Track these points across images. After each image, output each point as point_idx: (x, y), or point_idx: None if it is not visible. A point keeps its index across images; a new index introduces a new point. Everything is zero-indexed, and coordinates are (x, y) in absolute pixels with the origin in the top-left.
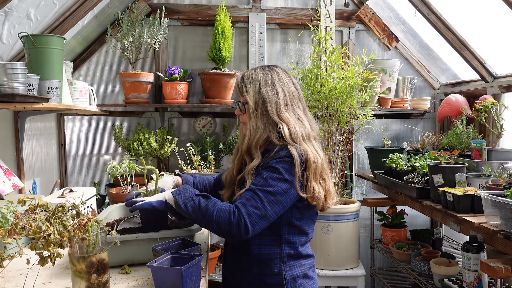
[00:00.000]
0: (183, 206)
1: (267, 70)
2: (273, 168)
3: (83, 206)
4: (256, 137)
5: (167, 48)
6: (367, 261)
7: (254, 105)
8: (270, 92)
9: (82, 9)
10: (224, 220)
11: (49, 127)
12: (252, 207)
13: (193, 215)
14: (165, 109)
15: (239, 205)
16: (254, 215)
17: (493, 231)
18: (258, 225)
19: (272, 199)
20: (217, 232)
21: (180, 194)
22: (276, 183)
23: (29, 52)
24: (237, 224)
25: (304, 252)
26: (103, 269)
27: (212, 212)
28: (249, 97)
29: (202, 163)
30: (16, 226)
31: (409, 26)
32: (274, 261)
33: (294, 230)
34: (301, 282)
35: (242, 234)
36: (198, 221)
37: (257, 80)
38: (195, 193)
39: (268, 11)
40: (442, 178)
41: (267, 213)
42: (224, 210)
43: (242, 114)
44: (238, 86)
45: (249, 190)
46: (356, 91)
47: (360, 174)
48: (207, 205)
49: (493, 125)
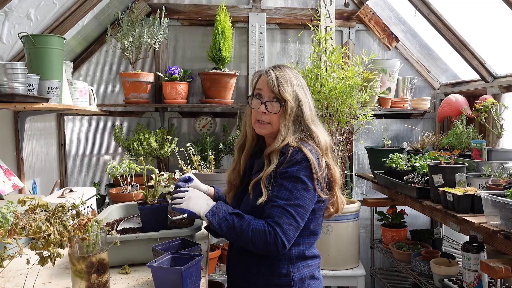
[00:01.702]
0: (218, 227)
1: (291, 70)
2: (295, 178)
3: (83, 206)
4: (286, 140)
5: (167, 48)
6: (367, 261)
7: (293, 106)
8: (302, 94)
9: (82, 9)
10: (260, 240)
11: (49, 127)
12: (286, 224)
13: (228, 235)
14: (165, 109)
15: (273, 224)
16: (289, 231)
17: (493, 231)
18: (293, 239)
19: (301, 212)
20: (254, 250)
21: (214, 216)
22: (301, 194)
23: (29, 52)
24: (274, 244)
25: (311, 253)
26: (103, 269)
27: (247, 232)
28: (288, 96)
29: (202, 163)
30: (16, 226)
31: (409, 26)
32: (282, 262)
33: (306, 232)
34: (309, 282)
35: (280, 251)
36: (233, 240)
37: (291, 79)
38: (228, 212)
39: (268, 11)
40: (442, 178)
41: (299, 225)
42: (259, 231)
43: (269, 113)
44: (272, 83)
45: (278, 206)
46: (356, 91)
47: (360, 174)
48: (241, 225)
49: (493, 125)
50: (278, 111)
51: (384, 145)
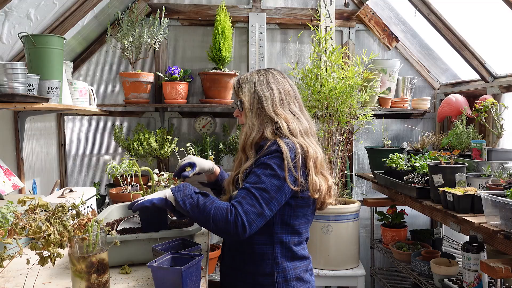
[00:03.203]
0: (182, 203)
1: (261, 72)
2: (265, 165)
3: (83, 206)
4: (253, 134)
5: (167, 48)
6: (367, 261)
7: (249, 103)
8: (265, 90)
9: (82, 9)
10: (221, 218)
11: (49, 127)
12: (248, 205)
13: (191, 212)
14: (165, 109)
15: (235, 204)
16: (251, 213)
17: (493, 231)
18: (255, 223)
19: (266, 196)
20: (214, 230)
21: (179, 191)
22: (269, 180)
23: (29, 52)
24: (234, 222)
25: (299, 254)
26: (103, 269)
27: (210, 210)
28: (244, 96)
29: None
30: (16, 226)
31: (409, 26)
32: (266, 261)
33: (287, 229)
34: (294, 284)
35: (240, 233)
36: (195, 219)
37: (252, 80)
38: (194, 191)
39: (268, 11)
40: (442, 178)
41: (263, 210)
42: (221, 208)
43: (240, 115)
44: (234, 89)
45: (244, 188)
46: (356, 91)
47: (360, 174)
48: (205, 203)
49: (493, 125)
50: (241, 110)
51: (384, 145)
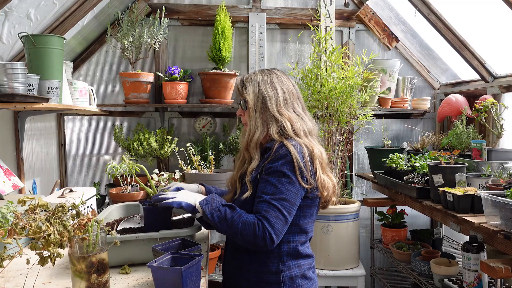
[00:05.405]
0: (210, 216)
1: (265, 71)
2: (279, 172)
3: (83, 206)
4: (257, 133)
5: (167, 48)
6: (367, 261)
7: (253, 103)
8: (269, 89)
9: (82, 9)
10: (249, 232)
11: (49, 127)
12: (273, 217)
13: (219, 225)
14: (165, 109)
15: (261, 218)
16: (276, 225)
17: (493, 231)
18: (281, 233)
19: (287, 205)
20: (241, 242)
21: (207, 204)
22: (286, 188)
23: (29, 52)
24: (262, 236)
25: (304, 252)
26: (103, 269)
27: (238, 224)
28: (248, 96)
29: (202, 163)
30: (16, 226)
31: (409, 26)
32: (272, 260)
33: (295, 229)
34: (300, 282)
35: (268, 245)
36: (223, 231)
37: (256, 80)
38: (221, 203)
39: (268, 11)
40: (442, 178)
41: (286, 219)
42: (249, 223)
43: (243, 114)
44: (238, 88)
45: (264, 201)
46: (356, 91)
47: (360, 174)
48: (232, 217)
49: (493, 125)
50: (244, 109)
51: (384, 145)
